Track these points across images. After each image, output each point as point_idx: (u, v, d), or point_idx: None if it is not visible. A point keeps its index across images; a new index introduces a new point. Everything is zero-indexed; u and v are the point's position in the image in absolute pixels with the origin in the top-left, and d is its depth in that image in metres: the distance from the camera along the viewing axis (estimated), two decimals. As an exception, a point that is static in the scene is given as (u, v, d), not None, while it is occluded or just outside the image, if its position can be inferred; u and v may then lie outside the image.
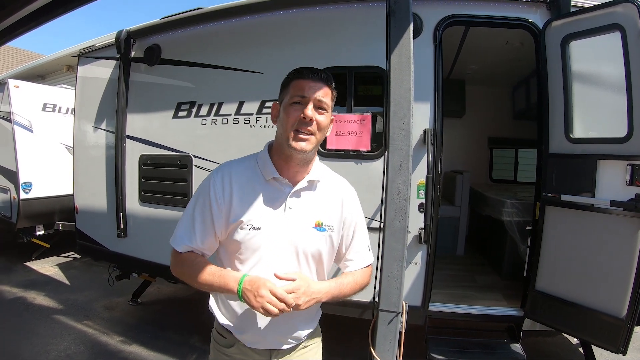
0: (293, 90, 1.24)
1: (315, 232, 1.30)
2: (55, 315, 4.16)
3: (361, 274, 1.41)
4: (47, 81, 9.41)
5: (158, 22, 3.66)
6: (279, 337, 1.33)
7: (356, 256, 1.41)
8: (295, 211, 1.29)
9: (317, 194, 1.34)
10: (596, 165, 2.45)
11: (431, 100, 2.81)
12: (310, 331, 1.41)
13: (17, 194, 5.30)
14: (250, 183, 1.29)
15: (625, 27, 2.29)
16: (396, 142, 1.85)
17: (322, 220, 1.31)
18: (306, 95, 1.22)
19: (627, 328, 2.27)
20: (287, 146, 1.24)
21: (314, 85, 1.23)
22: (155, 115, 3.68)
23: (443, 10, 2.81)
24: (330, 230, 1.32)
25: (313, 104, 1.23)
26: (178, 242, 1.30)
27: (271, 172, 1.28)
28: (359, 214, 1.43)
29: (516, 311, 2.91)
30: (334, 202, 1.35)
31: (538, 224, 2.74)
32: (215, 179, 1.28)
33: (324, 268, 1.36)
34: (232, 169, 1.31)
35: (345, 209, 1.36)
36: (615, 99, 2.40)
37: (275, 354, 1.35)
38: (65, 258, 6.32)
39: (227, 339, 1.36)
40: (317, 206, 1.32)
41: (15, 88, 5.36)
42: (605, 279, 2.39)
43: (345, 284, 1.35)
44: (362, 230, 1.43)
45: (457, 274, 3.90)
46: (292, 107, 1.23)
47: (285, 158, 1.28)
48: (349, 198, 1.40)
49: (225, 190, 1.26)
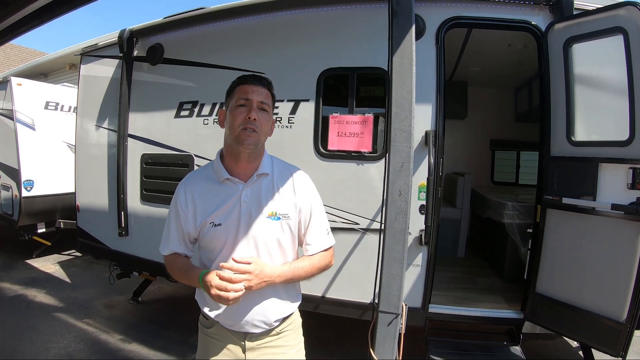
0: (238, 94, 1.39)
1: (270, 222, 1.41)
2: (56, 313, 4.17)
3: (320, 257, 1.50)
4: (50, 79, 9.44)
5: (161, 22, 3.67)
6: (248, 319, 1.41)
7: (314, 240, 1.50)
8: (250, 205, 1.41)
9: (269, 185, 1.45)
10: (597, 169, 2.44)
11: (433, 101, 2.81)
12: (282, 316, 1.48)
13: (19, 192, 5.32)
14: (207, 187, 1.44)
15: (628, 30, 2.29)
16: (397, 143, 1.85)
17: (276, 209, 1.42)
18: (250, 98, 1.37)
19: (627, 332, 2.26)
20: (235, 144, 1.36)
21: (256, 90, 1.39)
22: (158, 115, 3.69)
23: (446, 12, 2.81)
24: (285, 218, 1.43)
25: (257, 106, 1.37)
26: (162, 248, 1.51)
27: (223, 174, 1.42)
28: (314, 199, 1.51)
29: (516, 314, 2.91)
30: (286, 191, 1.46)
31: (539, 227, 2.73)
32: (179, 190, 1.47)
33: (286, 255, 1.46)
34: (193, 178, 1.50)
35: (298, 196, 1.46)
36: (617, 102, 2.39)
37: (249, 337, 1.45)
38: (67, 256, 6.34)
39: (208, 320, 1.50)
40: (270, 197, 1.43)
41: (18, 86, 5.38)
42: (605, 283, 2.39)
43: (300, 267, 1.44)
44: (318, 215, 1.51)
45: (457, 276, 3.90)
46: (238, 109, 1.37)
47: (234, 157, 1.41)
48: (301, 185, 1.49)
49: (187, 199, 1.44)
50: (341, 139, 2.95)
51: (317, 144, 3.01)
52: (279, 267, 1.41)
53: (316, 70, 3.00)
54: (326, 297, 3.00)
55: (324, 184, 2.98)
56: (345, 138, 2.95)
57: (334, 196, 2.94)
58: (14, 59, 13.91)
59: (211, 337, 1.49)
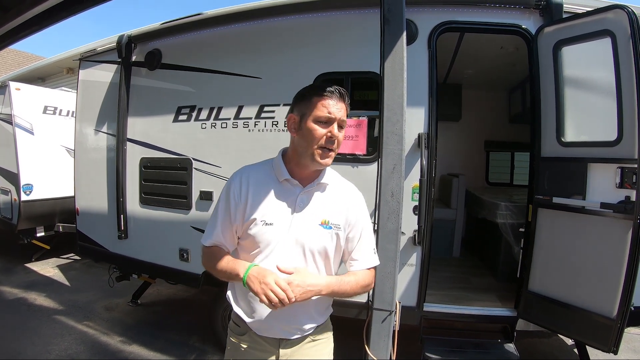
0: (319, 108, 1.33)
1: (321, 230, 1.40)
2: (56, 316, 4.20)
3: (364, 275, 1.48)
4: (48, 83, 9.44)
5: (159, 27, 3.72)
6: (284, 326, 1.42)
7: (361, 257, 1.49)
8: (304, 209, 1.40)
9: (325, 195, 1.45)
10: (587, 169, 2.50)
11: (426, 105, 2.86)
12: (315, 325, 1.48)
13: (18, 196, 5.35)
14: (264, 184, 1.42)
15: (616, 33, 2.35)
16: (389, 146, 1.90)
17: (329, 219, 1.41)
18: (333, 117, 1.33)
19: (618, 328, 2.31)
20: (310, 160, 1.35)
21: (337, 105, 1.34)
22: (156, 119, 3.73)
23: (438, 17, 2.87)
24: (336, 228, 1.42)
25: (338, 124, 1.35)
26: (205, 238, 1.47)
27: (284, 174, 1.40)
28: (366, 218, 1.52)
29: (510, 312, 2.96)
30: (341, 204, 1.45)
31: (531, 226, 2.79)
32: (234, 180, 1.44)
33: (331, 265, 1.46)
34: (250, 171, 1.46)
35: (351, 212, 1.46)
36: (606, 103, 2.44)
37: (283, 344, 1.44)
38: (65, 259, 6.37)
39: (240, 328, 1.48)
40: (325, 206, 1.43)
41: (17, 91, 5.41)
42: (596, 280, 2.44)
43: (346, 282, 1.42)
44: (368, 234, 1.52)
45: (452, 276, 3.95)
46: (319, 124, 1.33)
47: (301, 166, 1.40)
48: (356, 202, 1.50)
49: (242, 190, 1.41)
50: (336, 141, 3.00)
51: (313, 147, 3.05)
52: (325, 278, 1.39)
53: (311, 75, 3.04)
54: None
55: (320, 186, 3.04)
56: (341, 141, 3.00)
57: (329, 198, 2.98)
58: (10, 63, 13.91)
59: (243, 344, 1.47)
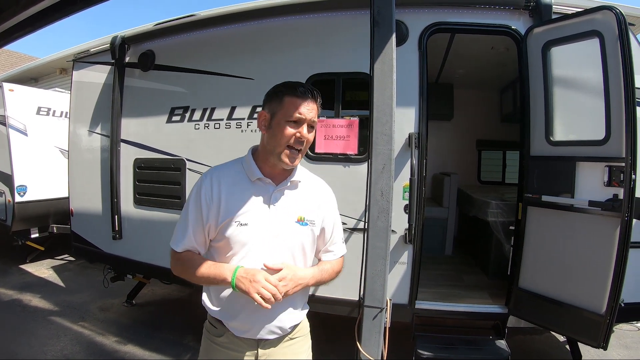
0: (289, 107, 1.33)
1: (297, 226, 1.42)
2: (52, 317, 4.20)
3: (337, 263, 1.58)
4: (41, 84, 9.40)
5: (152, 28, 3.74)
6: (265, 326, 1.41)
7: (335, 248, 1.57)
8: (279, 208, 1.41)
9: (299, 192, 1.46)
10: (575, 167, 2.54)
11: (416, 105, 2.89)
12: (295, 323, 1.50)
13: (12, 197, 5.33)
14: (237, 184, 1.40)
15: (604, 34, 2.39)
16: (379, 146, 1.94)
17: (304, 215, 1.43)
18: (303, 117, 1.33)
19: (607, 324, 2.35)
20: (277, 159, 1.36)
21: (308, 106, 1.34)
22: (150, 120, 3.74)
23: (428, 18, 2.90)
24: (311, 224, 1.45)
25: (307, 124, 1.35)
26: (176, 243, 1.42)
27: (256, 174, 1.40)
28: (336, 211, 1.59)
29: (501, 309, 3.00)
30: (315, 200, 1.48)
31: (521, 224, 2.83)
32: (205, 182, 1.40)
33: (306, 259, 1.49)
34: (220, 172, 1.43)
35: (324, 207, 1.50)
36: (594, 103, 2.49)
37: (262, 344, 1.44)
38: (60, 260, 6.35)
39: (217, 329, 1.46)
40: (299, 203, 1.44)
41: (10, 92, 5.39)
42: (585, 277, 2.48)
43: (326, 270, 1.51)
44: (339, 226, 1.59)
45: (445, 274, 3.99)
46: (289, 124, 1.33)
47: (271, 165, 1.40)
48: (328, 197, 1.55)
49: (214, 192, 1.37)
50: (328, 142, 3.04)
51: (305, 147, 3.08)
52: (310, 270, 1.45)
53: (303, 76, 3.07)
54: (315, 295, 3.07)
55: (312, 185, 3.07)
56: (332, 141, 3.03)
57: (321, 197, 3.01)
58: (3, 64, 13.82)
59: (221, 346, 1.45)
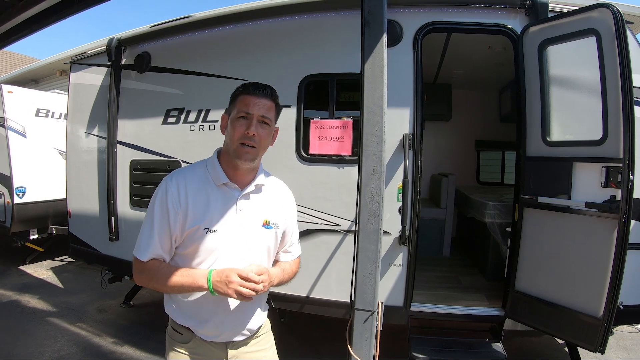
0: (239, 105, 1.35)
1: (263, 230, 1.44)
2: (49, 318, 4.21)
3: (295, 263, 1.62)
4: (41, 85, 9.45)
5: (148, 30, 3.73)
6: (235, 329, 1.44)
7: (293, 249, 1.61)
8: (245, 212, 1.41)
9: (263, 196, 1.47)
10: (572, 168, 2.51)
11: (411, 105, 2.86)
12: (261, 323, 1.54)
13: (11, 199, 5.36)
14: (202, 189, 1.37)
15: (600, 32, 2.35)
16: (369, 147, 1.92)
17: (269, 219, 1.45)
18: (251, 112, 1.33)
19: (604, 327, 2.30)
20: (233, 156, 1.36)
21: (258, 102, 1.34)
22: (146, 122, 3.75)
23: (422, 18, 2.87)
24: (276, 227, 1.47)
25: (257, 120, 1.34)
26: (141, 251, 1.34)
27: (221, 178, 1.38)
28: (296, 213, 1.62)
29: (497, 311, 2.96)
30: (278, 203, 1.51)
31: (517, 226, 2.80)
32: (170, 187, 1.34)
33: (270, 261, 1.51)
34: (185, 176, 1.38)
35: (286, 209, 1.54)
36: (591, 102, 2.45)
37: (230, 346, 1.46)
38: (59, 262, 6.37)
39: (184, 335, 1.44)
40: (264, 207, 1.46)
41: (9, 94, 5.42)
42: (582, 279, 2.44)
43: (286, 270, 1.54)
44: (296, 227, 1.63)
45: (442, 275, 3.96)
46: (238, 121, 1.34)
47: (233, 166, 1.39)
48: (290, 200, 1.58)
49: (180, 197, 1.33)
50: (322, 143, 3.02)
51: (299, 149, 3.07)
52: (275, 269, 1.49)
53: (297, 77, 3.06)
54: (310, 297, 3.06)
55: (306, 187, 3.05)
56: (326, 142, 3.01)
57: (316, 199, 2.99)
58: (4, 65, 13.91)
59: (188, 352, 1.43)
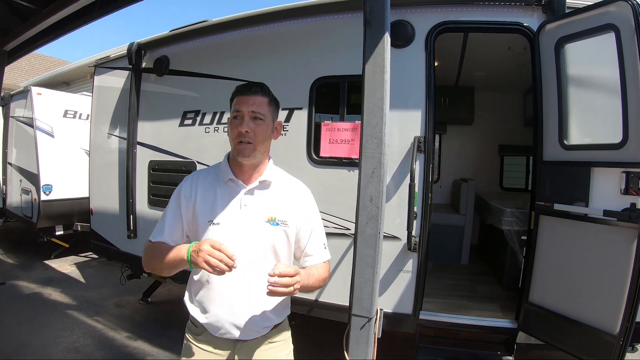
0: (233, 106, 1.43)
1: (268, 226, 1.42)
2: (68, 310, 4.39)
3: (322, 268, 1.53)
4: (72, 88, 9.87)
5: (166, 35, 3.83)
6: (237, 326, 1.40)
7: (315, 252, 1.52)
8: (250, 208, 1.43)
9: (270, 192, 1.47)
10: (590, 173, 2.36)
11: (423, 108, 2.79)
12: (271, 325, 1.48)
13: (38, 196, 5.62)
14: (212, 185, 1.46)
15: (620, 27, 2.20)
16: (368, 150, 1.87)
17: (275, 215, 1.44)
18: (241, 110, 1.39)
19: (620, 346, 2.15)
20: (235, 154, 1.43)
21: (247, 100, 1.40)
22: (164, 123, 3.85)
23: (434, 17, 2.79)
24: (284, 225, 1.44)
25: (248, 116, 1.38)
26: (153, 235, 1.47)
27: (228, 174, 1.45)
28: (315, 213, 1.56)
29: (510, 323, 2.83)
30: (287, 201, 1.48)
31: (532, 234, 2.67)
32: (185, 182, 1.49)
33: (280, 260, 1.45)
34: (200, 174, 1.52)
35: (299, 208, 1.49)
36: (611, 103, 2.30)
37: (239, 346, 1.44)
38: (83, 258, 6.62)
39: (197, 328, 1.49)
40: (270, 203, 1.45)
41: (38, 95, 5.70)
42: (598, 293, 2.29)
43: (312, 275, 1.45)
44: (319, 229, 1.55)
45: (458, 284, 3.83)
46: (233, 122, 1.41)
47: (238, 164, 1.46)
48: (304, 198, 1.54)
49: (192, 191, 1.45)
50: (333, 145, 2.99)
51: (309, 151, 3.06)
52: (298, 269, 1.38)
53: (309, 79, 3.06)
54: (319, 301, 3.03)
55: (316, 190, 2.98)
56: (337, 145, 2.98)
57: (326, 202, 2.97)
58: (38, 68, 14.63)
59: (200, 344, 1.47)
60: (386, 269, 2.85)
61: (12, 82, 11.63)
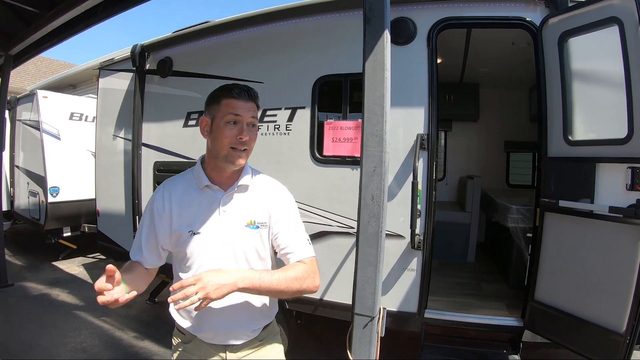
0: (226, 109, 1.33)
1: (248, 231, 1.40)
2: (76, 311, 4.43)
3: (296, 267, 1.37)
4: (78, 90, 9.92)
5: (169, 36, 3.85)
6: (229, 333, 1.42)
7: (294, 249, 1.41)
8: (228, 213, 1.40)
9: (248, 195, 1.44)
10: (595, 169, 2.33)
11: (426, 105, 2.77)
12: (261, 327, 1.49)
13: (45, 198, 5.68)
14: (187, 193, 1.41)
15: (623, 20, 2.17)
16: (369, 148, 1.86)
17: (254, 218, 1.41)
18: (241, 115, 1.33)
19: (626, 344, 2.12)
20: (224, 162, 1.36)
21: (245, 106, 1.35)
22: (168, 124, 3.87)
23: (436, 14, 2.77)
24: (263, 227, 1.42)
25: (247, 123, 1.35)
26: (132, 253, 1.43)
27: (204, 181, 1.40)
28: (292, 210, 1.49)
29: (516, 321, 2.80)
30: (264, 201, 1.44)
31: (538, 231, 2.64)
32: (157, 195, 1.43)
33: (265, 263, 1.45)
34: (172, 183, 1.46)
35: (275, 206, 1.44)
36: (615, 97, 2.27)
37: (230, 349, 1.44)
38: (91, 259, 6.67)
39: (186, 336, 1.47)
40: (248, 206, 1.42)
41: (44, 98, 5.76)
42: (604, 291, 2.26)
43: (270, 275, 1.30)
44: (297, 225, 1.46)
45: (463, 282, 3.81)
46: (227, 126, 1.33)
47: (218, 170, 1.40)
48: (280, 196, 1.48)
49: (165, 203, 1.39)
50: (336, 144, 2.99)
51: (313, 150, 3.05)
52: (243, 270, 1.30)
53: (311, 78, 3.05)
54: (324, 299, 3.03)
55: (320, 188, 3.03)
56: (340, 143, 2.98)
57: (329, 201, 2.96)
58: (44, 71, 14.71)
59: (189, 352, 1.46)
60: (391, 268, 2.84)
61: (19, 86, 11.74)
